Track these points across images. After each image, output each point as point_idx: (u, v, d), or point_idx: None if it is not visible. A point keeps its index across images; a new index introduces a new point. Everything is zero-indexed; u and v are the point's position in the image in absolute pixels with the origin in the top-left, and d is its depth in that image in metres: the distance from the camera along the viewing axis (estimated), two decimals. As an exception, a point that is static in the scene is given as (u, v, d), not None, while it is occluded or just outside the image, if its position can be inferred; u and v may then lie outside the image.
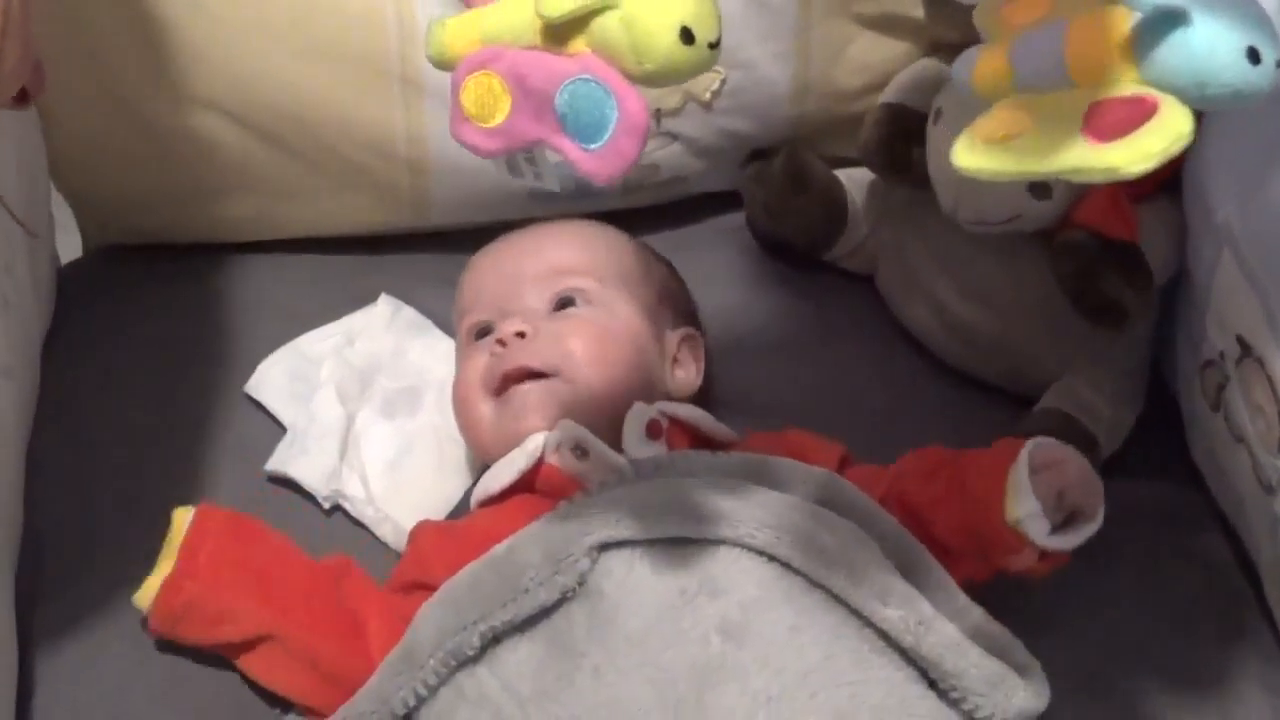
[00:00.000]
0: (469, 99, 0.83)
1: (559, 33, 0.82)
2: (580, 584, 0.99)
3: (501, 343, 1.15)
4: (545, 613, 0.99)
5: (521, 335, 1.15)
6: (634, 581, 0.98)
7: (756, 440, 1.14)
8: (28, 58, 0.79)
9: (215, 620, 1.07)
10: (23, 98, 0.82)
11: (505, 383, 1.14)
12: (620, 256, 1.23)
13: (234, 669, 1.09)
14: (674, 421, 1.14)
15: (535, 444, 1.11)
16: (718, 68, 1.31)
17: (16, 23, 0.75)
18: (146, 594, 1.08)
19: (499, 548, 1.02)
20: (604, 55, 0.81)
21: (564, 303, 1.18)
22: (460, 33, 0.84)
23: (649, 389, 1.17)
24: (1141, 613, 1.17)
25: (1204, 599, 1.19)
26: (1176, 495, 1.26)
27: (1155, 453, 1.28)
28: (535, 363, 1.14)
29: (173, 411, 1.27)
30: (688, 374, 1.22)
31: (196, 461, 1.23)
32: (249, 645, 1.07)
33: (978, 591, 1.05)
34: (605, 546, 1.00)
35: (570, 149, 0.82)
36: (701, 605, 0.97)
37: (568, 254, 1.21)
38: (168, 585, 1.07)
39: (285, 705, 1.09)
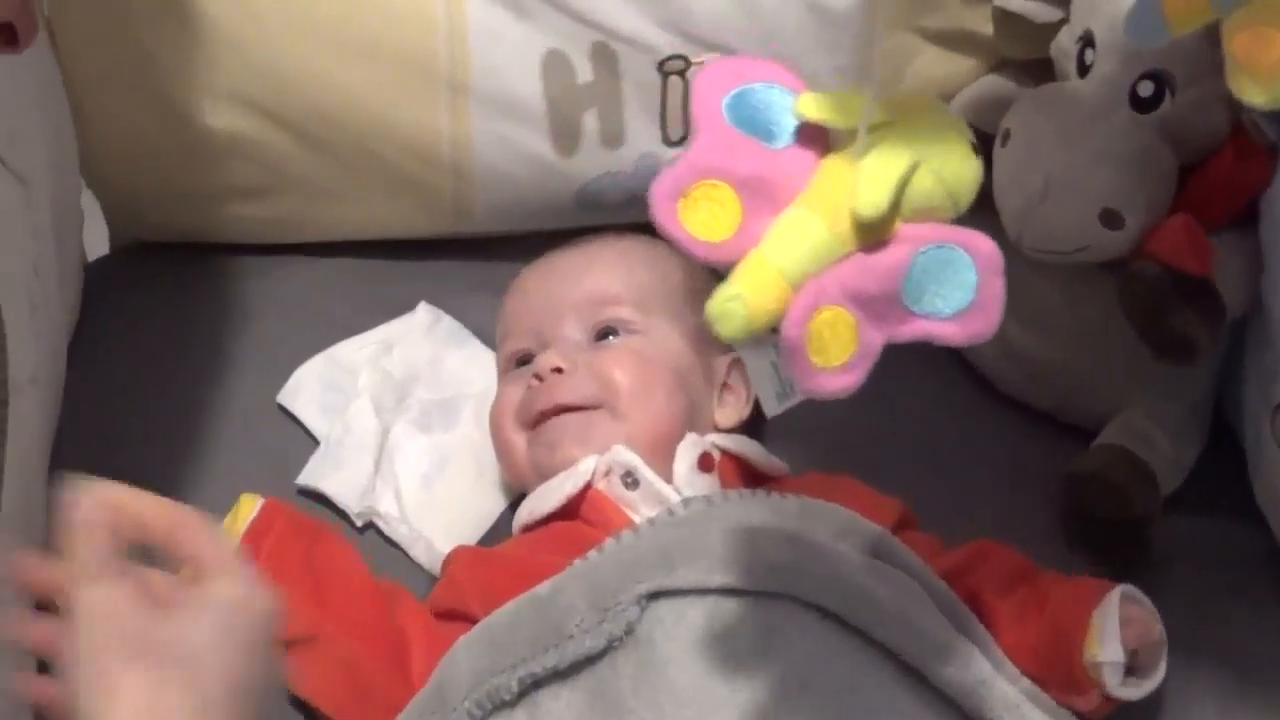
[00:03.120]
0: (815, 350, 0.76)
1: (874, 227, 0.77)
2: (628, 633, 0.95)
3: (539, 377, 1.13)
4: (589, 660, 0.95)
5: (559, 370, 1.13)
6: (684, 633, 0.95)
7: (811, 481, 1.12)
8: None
9: None
10: (12, 39, 0.75)
11: (541, 419, 1.13)
12: (666, 278, 1.20)
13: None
14: (725, 454, 1.12)
15: (586, 467, 1.09)
16: (776, 80, 1.28)
17: None
18: None
19: (542, 588, 0.99)
20: (920, 218, 0.77)
21: (604, 333, 1.16)
22: (759, 296, 0.75)
23: (695, 419, 1.15)
24: (1191, 652, 1.13)
25: (1258, 641, 1.17)
26: (1234, 534, 1.23)
27: (1213, 489, 1.25)
28: (574, 399, 1.12)
29: (201, 420, 1.25)
30: (738, 400, 1.19)
31: (225, 473, 1.21)
32: (289, 645, 1.03)
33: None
34: (655, 595, 0.96)
35: (936, 328, 0.78)
36: (754, 663, 0.94)
37: (610, 280, 1.19)
38: None
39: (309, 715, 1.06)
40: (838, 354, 0.76)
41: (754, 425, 1.21)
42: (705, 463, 1.10)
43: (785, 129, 0.79)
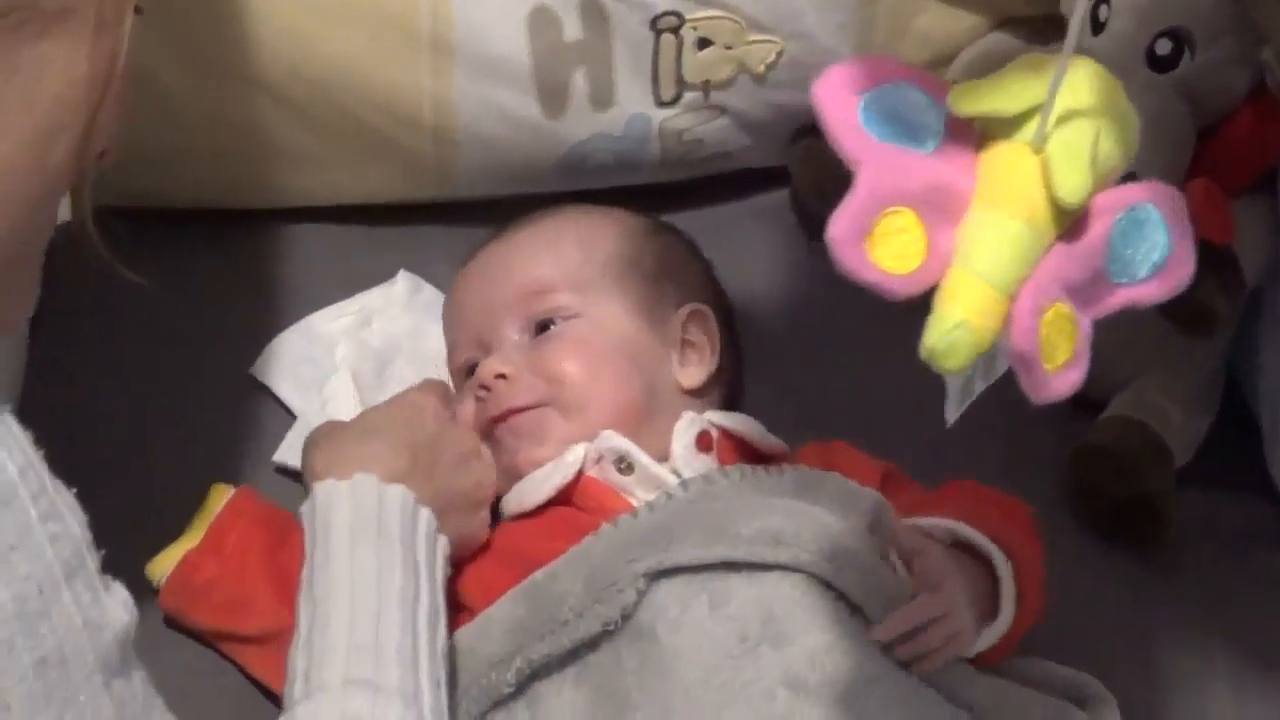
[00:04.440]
0: (1046, 356, 0.71)
1: (1074, 211, 0.73)
2: (626, 617, 0.93)
3: (485, 387, 1.10)
4: (592, 651, 0.94)
5: (503, 377, 1.10)
6: (690, 624, 0.93)
7: (807, 454, 1.10)
8: (119, 119, 0.82)
9: (230, 606, 1.06)
10: (101, 155, 0.85)
11: (494, 426, 1.10)
12: (598, 250, 1.15)
13: (212, 684, 1.06)
14: (723, 433, 1.09)
15: (574, 457, 1.06)
16: (774, 38, 1.25)
17: (119, 85, 0.77)
18: (164, 565, 1.08)
19: (540, 574, 0.97)
20: (1102, 185, 0.74)
21: (543, 325, 1.12)
22: (980, 317, 0.69)
23: (655, 390, 1.11)
24: (1205, 633, 1.14)
25: (1272, 622, 1.16)
26: (1248, 512, 1.22)
27: (1225, 465, 1.23)
28: (523, 402, 1.09)
29: (172, 393, 1.23)
30: (701, 356, 1.14)
31: (196, 450, 1.19)
32: (258, 640, 1.05)
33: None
34: (657, 576, 0.94)
35: (1137, 292, 0.76)
36: (765, 655, 0.92)
37: (538, 268, 1.14)
38: (189, 560, 1.07)
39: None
40: (1064, 352, 0.73)
41: (734, 389, 1.18)
42: (703, 442, 1.07)
43: (930, 128, 0.74)
